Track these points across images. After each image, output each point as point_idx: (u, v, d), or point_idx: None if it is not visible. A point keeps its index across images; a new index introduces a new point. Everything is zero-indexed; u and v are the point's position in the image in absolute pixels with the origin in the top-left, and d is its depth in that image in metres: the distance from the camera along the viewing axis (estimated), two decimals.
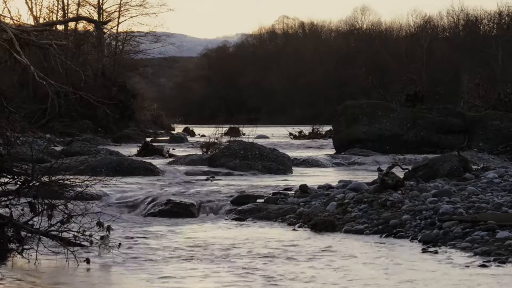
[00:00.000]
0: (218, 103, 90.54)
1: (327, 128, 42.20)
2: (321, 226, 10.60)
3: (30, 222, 8.36)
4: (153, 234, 10.47)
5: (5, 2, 31.79)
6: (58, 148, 24.96)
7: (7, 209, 8.35)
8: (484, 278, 7.44)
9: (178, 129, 58.16)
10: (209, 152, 23.57)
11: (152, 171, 18.51)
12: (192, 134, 50.97)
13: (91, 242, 8.34)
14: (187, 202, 12.81)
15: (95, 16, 49.66)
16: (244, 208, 12.38)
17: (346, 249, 9.15)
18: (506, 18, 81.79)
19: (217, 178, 17.57)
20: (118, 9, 53.01)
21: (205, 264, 8.29)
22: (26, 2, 46.07)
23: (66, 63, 25.72)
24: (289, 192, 13.77)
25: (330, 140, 32.56)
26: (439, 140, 26.38)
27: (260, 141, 26.97)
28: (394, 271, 7.91)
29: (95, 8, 51.10)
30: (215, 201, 13.13)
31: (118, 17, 53.31)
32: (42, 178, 8.46)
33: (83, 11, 50.20)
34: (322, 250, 9.08)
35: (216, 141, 25.02)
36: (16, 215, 8.35)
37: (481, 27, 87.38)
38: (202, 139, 32.00)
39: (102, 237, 8.41)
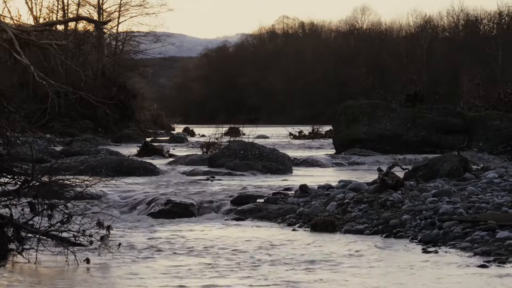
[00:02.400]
0: (218, 103, 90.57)
1: (327, 128, 42.21)
2: (321, 226, 10.59)
3: (30, 222, 8.35)
4: (153, 234, 10.47)
5: (5, 2, 31.83)
6: (58, 148, 24.97)
7: (7, 209, 8.34)
8: (484, 278, 7.44)
9: (178, 129, 58.17)
10: (209, 152, 23.58)
11: (152, 171, 18.51)
12: (192, 134, 50.99)
13: (91, 242, 8.34)
14: (187, 202, 12.81)
15: (95, 16, 49.67)
16: (244, 208, 12.38)
17: (346, 249, 9.15)
18: (506, 18, 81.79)
19: (217, 178, 17.57)
20: (118, 9, 53.04)
21: (205, 264, 8.29)
22: (26, 2, 46.13)
23: (66, 63, 25.71)
24: (289, 192, 13.77)
25: (330, 140, 32.57)
26: (439, 140, 26.39)
27: (260, 141, 26.97)
28: (394, 271, 7.91)
29: (95, 8, 51.14)
30: (215, 201, 13.12)
31: (118, 17, 53.33)
32: (42, 178, 8.46)
33: (83, 11, 50.24)
34: (322, 251, 9.08)
35: (216, 141, 25.04)
36: (16, 215, 8.34)
37: (481, 27, 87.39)
38: (202, 139, 32.01)
39: (102, 237, 8.41)
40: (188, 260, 8.53)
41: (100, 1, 51.17)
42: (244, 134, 33.05)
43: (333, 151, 27.64)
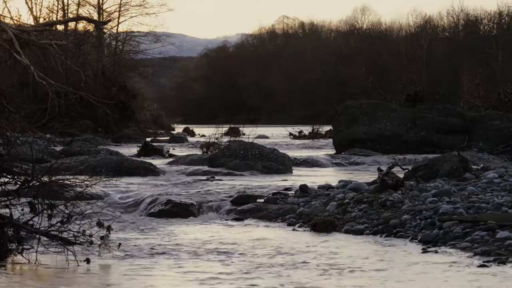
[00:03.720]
0: (218, 103, 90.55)
1: (327, 128, 42.21)
2: (321, 226, 10.59)
3: (30, 222, 8.35)
4: (153, 235, 10.47)
5: (5, 2, 31.83)
6: (58, 148, 24.95)
7: (7, 209, 8.34)
8: (484, 278, 7.44)
9: (178, 129, 58.16)
10: (209, 152, 23.58)
11: (152, 171, 18.51)
12: (192, 134, 50.98)
13: (91, 242, 8.34)
14: (187, 202, 12.81)
15: (95, 16, 49.64)
16: (244, 208, 12.38)
17: (346, 249, 9.15)
18: (506, 18, 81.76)
19: (217, 178, 17.57)
20: (118, 9, 53.00)
21: (205, 264, 8.29)
22: (26, 2, 46.13)
23: (66, 63, 25.72)
24: (289, 192, 13.76)
25: (330, 140, 32.56)
26: (439, 140, 26.39)
27: (260, 141, 26.96)
28: (394, 271, 7.91)
29: (95, 8, 51.11)
30: (215, 201, 13.12)
31: (118, 17, 53.30)
32: (42, 178, 8.46)
33: (83, 11, 50.21)
34: (322, 251, 9.08)
35: (216, 141, 25.04)
36: (16, 215, 8.34)
37: (481, 27, 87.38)
38: (202, 139, 32.01)
39: (102, 237, 8.41)
40: (188, 260, 8.53)
41: (100, 1, 51.17)
42: (244, 134, 33.05)
43: (333, 151, 27.63)
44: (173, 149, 29.83)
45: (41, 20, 44.58)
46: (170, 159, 23.29)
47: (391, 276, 7.64)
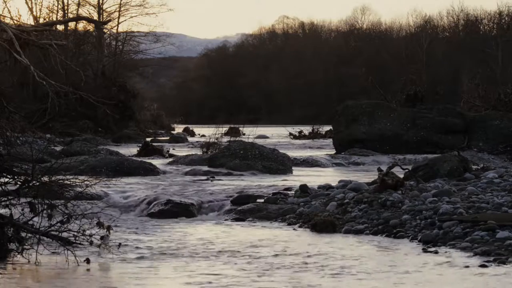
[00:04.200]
0: (218, 103, 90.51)
1: (327, 128, 42.22)
2: (321, 226, 10.59)
3: (30, 222, 8.36)
4: (153, 234, 10.47)
5: (5, 2, 31.80)
6: (58, 148, 24.95)
7: (7, 209, 8.34)
8: (484, 278, 7.44)
9: (178, 129, 58.15)
10: (209, 152, 23.57)
11: (152, 171, 18.52)
12: (192, 134, 50.98)
13: (91, 242, 8.34)
14: (187, 202, 12.81)
15: (95, 16, 49.66)
16: (244, 208, 12.38)
17: (346, 249, 9.15)
18: (506, 18, 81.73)
19: (217, 178, 17.57)
20: (118, 9, 53.03)
21: (206, 265, 8.29)
22: (26, 2, 46.13)
23: (66, 63, 25.69)
24: (289, 192, 13.77)
25: (330, 140, 32.57)
26: (439, 140, 26.39)
27: (260, 141, 26.96)
28: (394, 271, 7.91)
29: (95, 8, 51.13)
30: (215, 201, 13.12)
31: (118, 17, 53.32)
32: (42, 178, 8.46)
33: (83, 11, 50.23)
34: (322, 250, 9.08)
35: (216, 141, 25.03)
36: (16, 215, 8.34)
37: (481, 27, 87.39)
38: (202, 139, 32.01)
39: (102, 237, 8.42)
40: (188, 260, 8.53)
41: (100, 1, 51.18)
42: (244, 134, 33.06)
43: (333, 151, 27.63)
44: (173, 149, 29.83)
45: (41, 20, 44.60)
46: (170, 159, 23.28)
47: (391, 276, 7.64)
